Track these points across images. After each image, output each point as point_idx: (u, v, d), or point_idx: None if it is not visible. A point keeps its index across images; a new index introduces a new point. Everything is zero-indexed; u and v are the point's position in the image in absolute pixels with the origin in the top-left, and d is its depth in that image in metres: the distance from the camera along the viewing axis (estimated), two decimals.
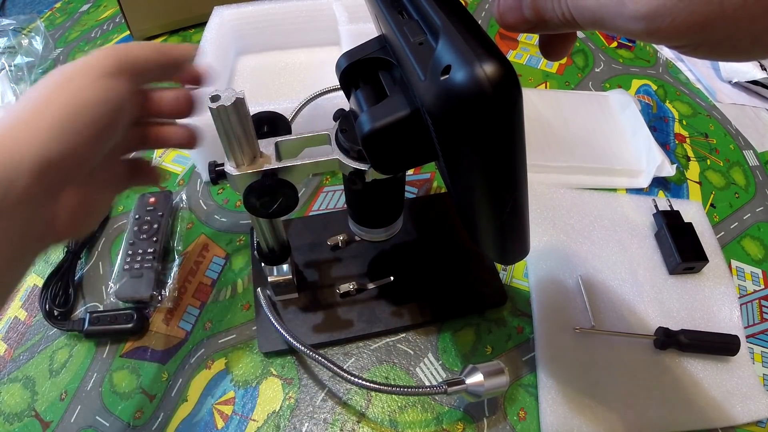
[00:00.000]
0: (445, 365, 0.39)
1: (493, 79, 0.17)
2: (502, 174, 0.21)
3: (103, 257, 0.46)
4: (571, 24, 0.20)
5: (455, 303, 0.42)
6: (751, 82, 0.64)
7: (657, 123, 0.60)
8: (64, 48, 0.72)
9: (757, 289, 0.46)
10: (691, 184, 0.53)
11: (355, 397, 0.38)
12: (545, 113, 0.57)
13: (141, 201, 0.48)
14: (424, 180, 0.53)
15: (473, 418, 0.37)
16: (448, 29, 0.19)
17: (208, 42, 0.54)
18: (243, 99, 0.25)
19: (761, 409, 0.37)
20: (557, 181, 0.51)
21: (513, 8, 0.21)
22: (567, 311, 0.41)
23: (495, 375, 0.34)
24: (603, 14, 0.18)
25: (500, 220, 0.24)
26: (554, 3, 0.20)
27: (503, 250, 0.28)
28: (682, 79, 0.67)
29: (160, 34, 0.72)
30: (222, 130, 0.26)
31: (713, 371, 0.39)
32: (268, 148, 0.29)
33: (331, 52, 0.63)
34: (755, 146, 0.59)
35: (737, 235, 0.49)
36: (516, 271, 0.45)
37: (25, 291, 0.44)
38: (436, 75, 0.19)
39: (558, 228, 0.47)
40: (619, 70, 0.67)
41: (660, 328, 0.40)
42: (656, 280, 0.44)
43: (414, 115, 0.23)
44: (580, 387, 0.37)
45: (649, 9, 0.16)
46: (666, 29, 0.16)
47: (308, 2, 0.60)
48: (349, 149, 0.29)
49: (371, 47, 0.28)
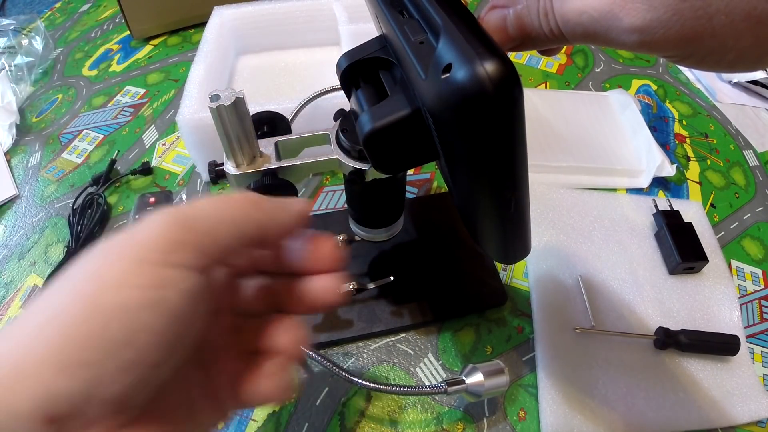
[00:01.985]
0: (445, 365, 0.39)
1: (495, 77, 0.17)
2: (503, 172, 0.21)
3: None
4: (559, 39, 0.20)
5: (455, 303, 0.42)
6: (751, 82, 0.64)
7: (657, 123, 0.60)
8: (64, 48, 0.72)
9: (757, 289, 0.46)
10: (691, 184, 0.53)
11: (355, 397, 0.38)
12: (545, 113, 0.57)
13: (141, 201, 0.48)
14: (424, 180, 0.53)
15: (473, 418, 0.37)
16: (449, 28, 0.19)
17: (208, 42, 0.54)
18: (243, 99, 0.25)
19: (761, 409, 0.37)
20: (557, 181, 0.51)
21: (497, 28, 0.21)
22: (567, 311, 0.41)
23: (495, 375, 0.34)
24: (596, 29, 0.18)
25: (501, 219, 0.24)
26: (541, 20, 0.20)
27: (504, 249, 0.28)
28: (682, 79, 0.67)
29: (160, 34, 0.72)
30: (222, 129, 0.26)
31: (713, 371, 0.39)
32: (267, 148, 0.29)
33: (331, 52, 0.63)
34: (755, 146, 0.59)
35: (737, 235, 0.49)
36: (516, 271, 0.45)
37: (26, 291, 0.44)
38: (437, 73, 0.19)
39: (558, 228, 0.47)
40: (619, 70, 0.67)
41: (660, 328, 0.40)
42: (656, 280, 0.44)
43: (415, 114, 0.23)
44: (580, 387, 0.37)
45: (644, 22, 0.17)
46: (658, 41, 0.17)
47: (308, 2, 0.60)
48: (349, 149, 0.29)
49: (372, 47, 0.28)
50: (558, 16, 0.19)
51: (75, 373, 0.15)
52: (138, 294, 0.15)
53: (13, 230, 0.49)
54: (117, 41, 0.72)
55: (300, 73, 0.61)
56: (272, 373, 0.20)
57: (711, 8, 0.16)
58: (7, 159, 0.56)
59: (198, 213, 0.17)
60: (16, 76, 0.65)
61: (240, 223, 0.18)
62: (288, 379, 0.20)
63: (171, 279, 0.16)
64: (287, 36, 0.62)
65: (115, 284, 0.15)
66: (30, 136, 0.59)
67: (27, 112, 0.62)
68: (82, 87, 0.65)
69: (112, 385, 0.15)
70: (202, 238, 0.17)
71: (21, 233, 0.49)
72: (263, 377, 0.20)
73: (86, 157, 0.56)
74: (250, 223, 0.18)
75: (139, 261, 0.16)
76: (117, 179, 0.52)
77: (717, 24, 0.16)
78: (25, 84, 0.65)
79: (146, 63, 0.68)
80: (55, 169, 0.55)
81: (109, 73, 0.67)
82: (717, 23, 0.16)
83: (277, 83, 0.60)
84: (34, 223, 0.50)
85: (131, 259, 0.16)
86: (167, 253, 0.16)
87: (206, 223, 0.17)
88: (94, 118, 0.60)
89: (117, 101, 0.62)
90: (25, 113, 0.62)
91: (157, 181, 0.53)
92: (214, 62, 0.53)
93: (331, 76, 0.33)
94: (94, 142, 0.57)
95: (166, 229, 0.16)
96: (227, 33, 0.59)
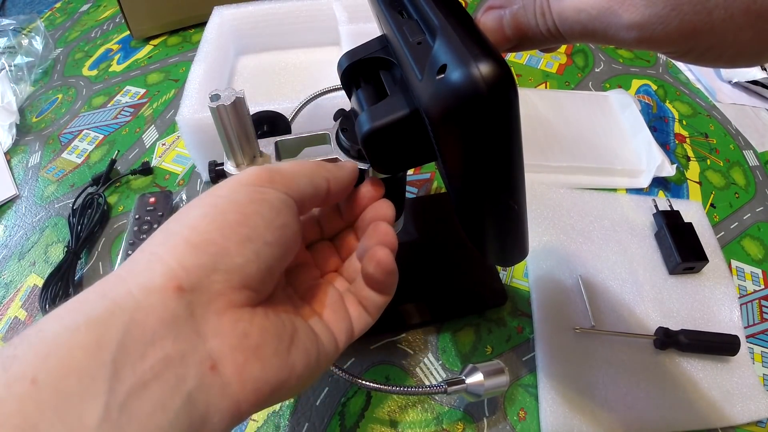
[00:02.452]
0: (445, 365, 0.39)
1: (489, 79, 0.17)
2: (499, 175, 0.21)
3: (103, 257, 0.46)
4: (557, 38, 0.20)
5: (455, 303, 0.42)
6: (751, 82, 0.64)
7: (657, 123, 0.60)
8: (64, 48, 0.72)
9: (757, 289, 0.46)
10: (691, 184, 0.53)
11: (355, 397, 0.38)
12: (545, 113, 0.57)
13: (141, 201, 0.48)
14: (424, 180, 0.53)
15: (473, 418, 0.37)
16: (446, 29, 0.19)
17: (208, 42, 0.54)
18: (243, 99, 0.25)
19: (761, 409, 0.37)
20: (557, 181, 0.51)
21: (493, 28, 0.21)
22: (567, 311, 0.41)
23: (495, 375, 0.34)
24: (595, 26, 0.18)
25: (498, 222, 0.24)
26: (538, 19, 0.20)
27: (502, 251, 0.27)
28: (682, 79, 0.67)
29: (160, 34, 0.72)
30: (222, 129, 0.26)
31: (713, 371, 0.39)
32: (267, 148, 0.29)
33: (331, 52, 0.63)
34: (755, 146, 0.59)
35: (737, 235, 0.49)
36: (516, 271, 0.45)
37: (26, 291, 0.44)
38: (432, 74, 0.19)
39: (558, 228, 0.47)
40: (619, 70, 0.67)
41: (660, 328, 0.40)
42: (656, 280, 0.44)
43: (413, 114, 0.23)
44: (580, 387, 0.37)
45: (643, 18, 0.17)
46: (658, 37, 0.17)
47: (308, 2, 0.60)
48: (349, 148, 0.29)
49: (373, 47, 0.28)
50: (555, 15, 0.19)
51: (203, 248, 0.18)
52: (245, 193, 0.20)
53: (13, 230, 0.49)
54: (117, 41, 0.72)
55: (300, 73, 0.61)
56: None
57: (710, 3, 0.16)
58: (7, 159, 0.56)
59: (281, 166, 0.23)
60: (16, 76, 0.65)
61: (312, 175, 0.23)
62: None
63: (267, 191, 0.21)
64: (287, 36, 0.62)
65: (226, 192, 0.20)
66: (30, 136, 0.59)
67: (27, 112, 0.62)
68: (82, 87, 0.65)
69: (234, 257, 0.19)
70: (285, 179, 0.22)
71: (21, 233, 0.49)
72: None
73: (86, 157, 0.56)
74: (319, 176, 0.23)
75: (242, 184, 0.21)
76: (117, 179, 0.52)
77: (716, 19, 0.16)
78: (25, 84, 0.65)
79: (146, 63, 0.68)
80: (55, 169, 0.55)
81: (109, 73, 0.67)
82: (716, 18, 0.16)
83: (277, 83, 0.60)
84: (34, 223, 0.50)
85: (236, 182, 0.21)
86: (261, 184, 0.21)
87: (288, 172, 0.22)
88: (94, 118, 0.60)
89: (117, 101, 0.62)
90: (25, 113, 0.62)
91: (157, 181, 0.53)
92: (214, 62, 0.53)
93: (331, 76, 0.33)
94: (94, 142, 0.57)
95: (259, 172, 0.21)
96: (227, 33, 0.59)
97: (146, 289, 0.17)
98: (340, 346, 0.24)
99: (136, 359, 0.16)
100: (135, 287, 0.17)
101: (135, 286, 0.17)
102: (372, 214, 0.26)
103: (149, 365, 0.16)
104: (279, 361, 0.19)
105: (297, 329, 0.21)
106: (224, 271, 0.18)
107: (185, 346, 0.17)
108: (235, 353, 0.18)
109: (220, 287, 0.18)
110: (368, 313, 0.25)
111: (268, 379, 0.19)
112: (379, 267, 0.23)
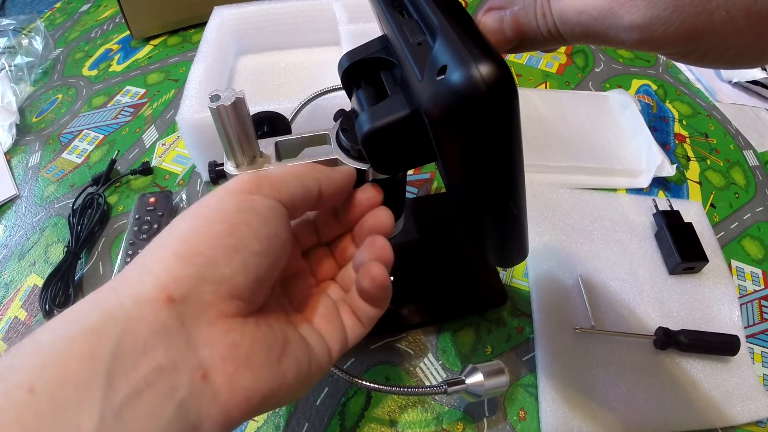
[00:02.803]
0: (445, 365, 0.39)
1: (489, 79, 0.17)
2: (498, 177, 0.21)
3: (103, 257, 0.46)
4: (557, 39, 0.20)
5: (455, 303, 0.42)
6: (751, 82, 0.64)
7: (657, 123, 0.60)
8: (64, 48, 0.72)
9: (757, 289, 0.46)
10: (691, 184, 0.53)
11: (355, 397, 0.38)
12: (545, 113, 0.57)
13: (141, 201, 0.48)
14: (424, 180, 0.53)
15: (473, 418, 0.37)
16: (446, 29, 0.19)
17: (208, 42, 0.54)
18: (243, 99, 0.25)
19: (761, 409, 0.37)
20: (557, 181, 0.51)
21: (494, 29, 0.21)
22: (567, 311, 0.41)
23: (495, 375, 0.34)
24: (596, 28, 0.18)
25: (498, 223, 0.24)
26: (539, 20, 0.20)
27: (501, 252, 0.27)
28: (682, 79, 0.67)
29: (160, 34, 0.72)
30: (222, 130, 0.26)
31: (713, 371, 0.39)
32: (267, 148, 0.29)
33: (331, 52, 0.63)
34: (755, 146, 0.59)
35: (737, 235, 0.49)
36: (516, 271, 0.45)
37: (25, 291, 0.44)
38: (433, 75, 0.19)
39: (558, 228, 0.47)
40: (619, 70, 0.67)
41: (660, 328, 0.40)
42: (656, 280, 0.44)
43: (414, 115, 0.23)
44: (580, 387, 0.37)
45: (644, 19, 0.17)
46: (659, 38, 0.17)
47: (308, 2, 0.60)
48: (349, 149, 0.29)
49: (373, 47, 0.28)
50: (556, 17, 0.19)
51: (190, 260, 0.18)
52: (232, 201, 0.20)
53: (13, 230, 0.49)
54: (117, 41, 0.72)
55: (300, 73, 0.61)
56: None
57: (711, 4, 0.16)
58: (7, 159, 0.56)
59: (270, 172, 0.22)
60: (16, 76, 0.65)
61: (302, 177, 0.23)
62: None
63: (256, 198, 0.21)
64: (287, 36, 0.62)
65: (214, 202, 0.20)
66: (30, 136, 0.59)
67: (27, 112, 0.62)
68: (82, 87, 0.65)
69: (222, 268, 0.19)
70: (273, 185, 0.22)
71: (21, 233, 0.49)
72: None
73: (86, 157, 0.56)
74: (311, 178, 0.23)
75: (229, 192, 0.21)
76: (117, 179, 0.52)
77: (717, 20, 0.16)
78: (25, 84, 0.65)
79: (146, 63, 0.68)
80: (55, 169, 0.55)
81: (109, 73, 0.67)
82: (717, 20, 0.16)
83: (277, 83, 0.60)
84: (34, 223, 0.50)
85: (224, 191, 0.21)
86: (249, 191, 0.21)
87: (276, 177, 0.22)
88: (94, 118, 0.60)
89: (117, 101, 0.62)
90: (25, 113, 0.62)
91: (157, 181, 0.53)
92: (214, 62, 0.53)
93: (331, 76, 0.33)
94: (94, 142, 0.57)
95: (247, 179, 0.21)
96: (227, 33, 0.59)
97: (138, 300, 0.17)
98: (334, 356, 0.24)
99: (130, 369, 0.16)
100: (127, 298, 0.18)
101: (127, 298, 0.18)
102: (371, 222, 0.26)
103: (142, 374, 0.16)
104: (269, 370, 0.20)
105: (289, 339, 0.21)
106: (213, 282, 0.19)
107: (177, 356, 0.17)
108: (225, 363, 0.18)
109: (210, 297, 0.18)
110: (362, 324, 0.25)
111: (258, 388, 0.19)
112: (373, 283, 0.23)
